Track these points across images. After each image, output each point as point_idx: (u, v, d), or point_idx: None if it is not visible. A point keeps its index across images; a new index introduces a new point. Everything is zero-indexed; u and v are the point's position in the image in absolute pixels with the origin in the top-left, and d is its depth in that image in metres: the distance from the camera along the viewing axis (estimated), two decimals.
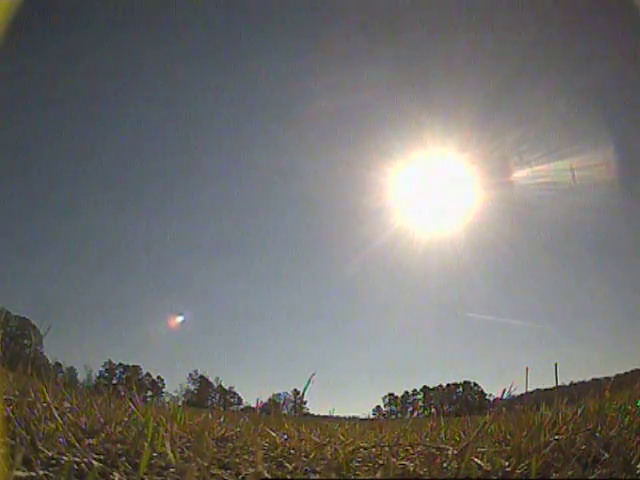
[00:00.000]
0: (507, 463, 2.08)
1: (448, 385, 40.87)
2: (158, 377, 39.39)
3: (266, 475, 1.93)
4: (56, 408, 2.43)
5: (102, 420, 2.53)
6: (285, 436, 2.98)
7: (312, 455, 2.45)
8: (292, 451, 2.56)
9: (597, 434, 2.35)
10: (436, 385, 41.06)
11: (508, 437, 2.74)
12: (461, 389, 40.61)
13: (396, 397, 41.42)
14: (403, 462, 2.28)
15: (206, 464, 2.02)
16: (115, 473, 1.81)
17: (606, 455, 2.07)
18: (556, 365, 2.81)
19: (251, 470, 2.08)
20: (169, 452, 1.92)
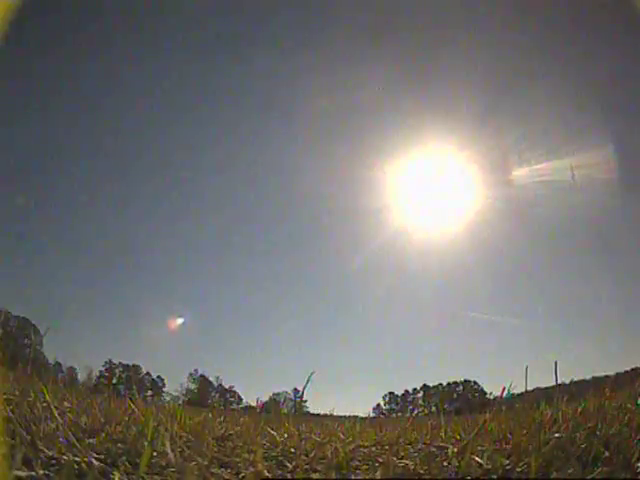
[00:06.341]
0: (507, 461, 2.08)
1: (448, 384, 40.86)
2: (158, 377, 39.38)
3: (266, 474, 1.93)
4: (56, 408, 2.43)
5: (102, 420, 2.53)
6: (285, 435, 2.97)
7: (312, 454, 2.44)
8: (292, 450, 2.56)
9: (597, 432, 2.35)
10: (436, 384, 41.05)
11: (508, 436, 2.74)
12: (461, 388, 40.61)
13: (396, 396, 41.42)
14: (403, 461, 2.28)
15: (206, 463, 2.02)
16: (115, 472, 1.81)
17: (606, 453, 2.07)
18: (556, 363, 2.80)
19: (251, 469, 2.08)
20: (169, 451, 1.92)
